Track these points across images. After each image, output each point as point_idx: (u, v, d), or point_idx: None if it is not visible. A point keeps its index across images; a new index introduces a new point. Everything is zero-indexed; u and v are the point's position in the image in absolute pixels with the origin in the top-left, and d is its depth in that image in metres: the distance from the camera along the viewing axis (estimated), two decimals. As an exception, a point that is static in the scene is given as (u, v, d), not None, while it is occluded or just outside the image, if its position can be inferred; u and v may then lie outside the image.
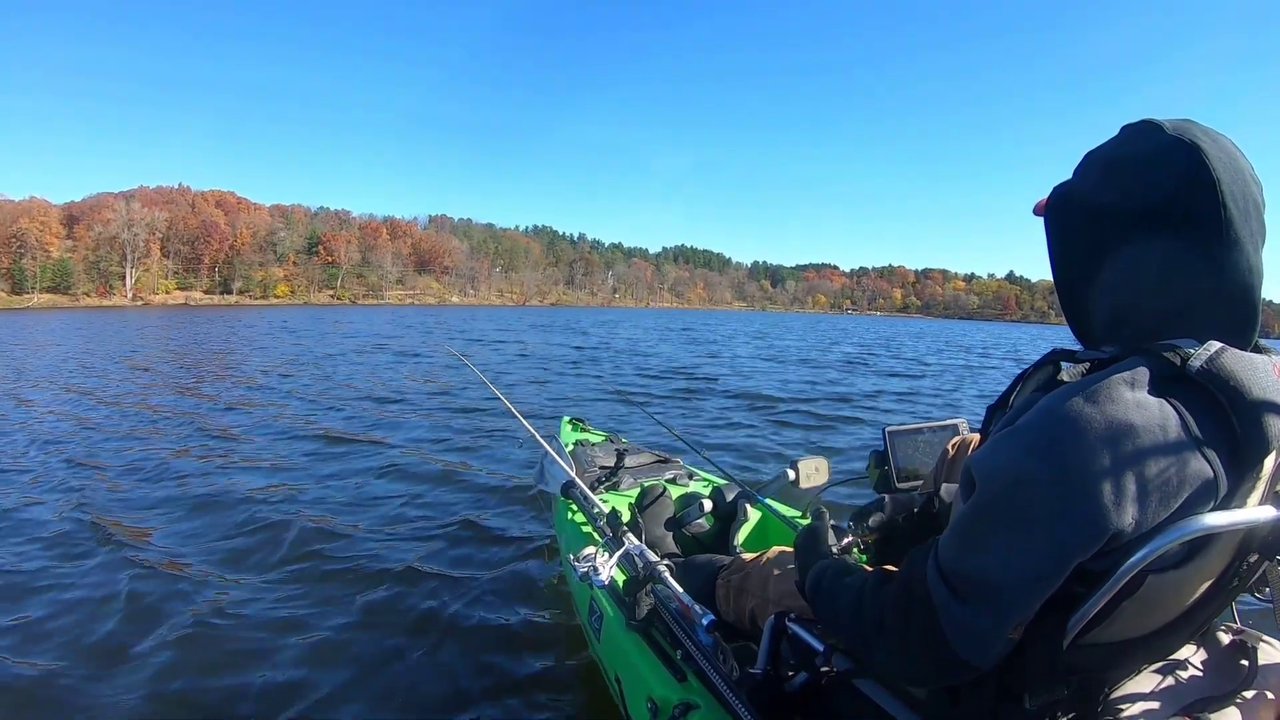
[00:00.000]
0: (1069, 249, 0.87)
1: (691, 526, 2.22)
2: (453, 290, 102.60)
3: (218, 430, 6.33)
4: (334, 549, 3.34)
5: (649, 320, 47.50)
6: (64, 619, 2.63)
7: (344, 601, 2.80)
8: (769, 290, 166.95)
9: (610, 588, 1.76)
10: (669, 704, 1.36)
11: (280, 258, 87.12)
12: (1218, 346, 0.72)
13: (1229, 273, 0.74)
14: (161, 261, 76.68)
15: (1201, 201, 0.73)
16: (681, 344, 21.55)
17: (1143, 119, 0.80)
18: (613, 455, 2.80)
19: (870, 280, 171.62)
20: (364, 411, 7.47)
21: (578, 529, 2.27)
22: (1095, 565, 0.72)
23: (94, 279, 70.08)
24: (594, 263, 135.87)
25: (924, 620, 0.77)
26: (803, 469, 2.17)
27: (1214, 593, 0.84)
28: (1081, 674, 0.83)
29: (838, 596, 0.93)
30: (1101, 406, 0.69)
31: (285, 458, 5.28)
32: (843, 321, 76.14)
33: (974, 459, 0.77)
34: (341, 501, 4.13)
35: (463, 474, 4.85)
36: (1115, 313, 0.81)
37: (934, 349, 24.81)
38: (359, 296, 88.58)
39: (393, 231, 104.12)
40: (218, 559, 3.24)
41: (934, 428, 1.67)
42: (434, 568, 3.13)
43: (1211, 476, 0.70)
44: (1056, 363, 0.88)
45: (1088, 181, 0.84)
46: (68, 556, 3.24)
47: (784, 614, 1.17)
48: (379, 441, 5.88)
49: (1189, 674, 0.93)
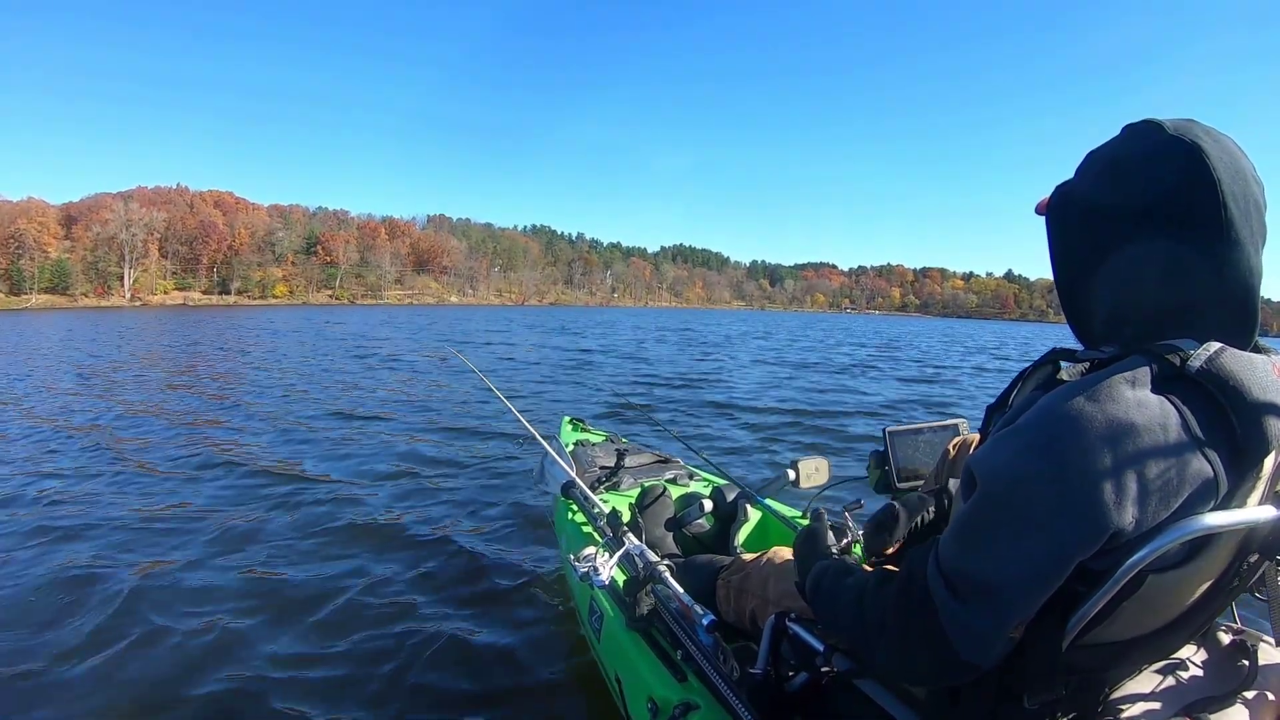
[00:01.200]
0: (1070, 248, 0.87)
1: (692, 527, 2.22)
2: (451, 290, 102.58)
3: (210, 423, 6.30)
4: (332, 549, 3.34)
5: (648, 319, 47.23)
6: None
7: (342, 601, 2.80)
8: (767, 289, 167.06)
9: (610, 588, 1.76)
10: (669, 704, 1.36)
11: (279, 258, 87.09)
12: (1218, 346, 0.72)
13: (1229, 272, 0.74)
14: (160, 262, 76.64)
15: (1202, 201, 0.73)
16: (679, 346, 20.49)
17: (1144, 119, 0.80)
18: (613, 455, 2.80)
19: (869, 279, 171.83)
20: (362, 412, 7.46)
21: (578, 529, 2.27)
22: (1096, 564, 0.72)
23: (92, 279, 70.00)
24: (592, 262, 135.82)
25: (925, 620, 0.77)
26: (803, 469, 2.16)
27: (1214, 593, 0.84)
28: (1082, 674, 0.83)
29: (838, 597, 0.93)
30: (1102, 405, 0.69)
31: (286, 458, 5.27)
32: (844, 320, 75.54)
33: (974, 458, 0.77)
34: (339, 502, 4.12)
35: (462, 474, 4.85)
36: (1115, 312, 0.81)
37: (944, 348, 24.10)
38: (358, 296, 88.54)
39: (391, 231, 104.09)
40: (205, 554, 3.24)
41: (934, 428, 1.67)
42: (433, 568, 3.13)
43: (1212, 476, 0.70)
44: (1056, 362, 0.88)
45: (1089, 181, 0.84)
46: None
47: (784, 614, 1.17)
48: (377, 441, 5.87)
49: (1189, 674, 0.93)
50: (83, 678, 2.25)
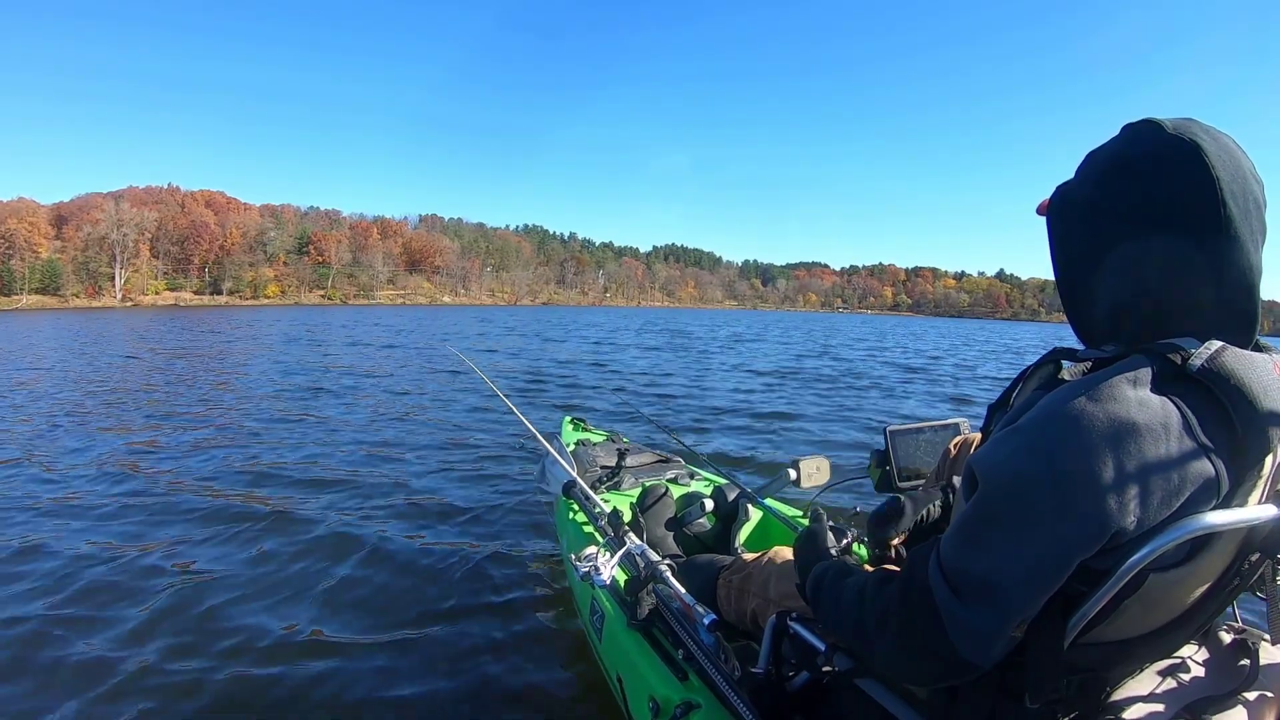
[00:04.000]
0: (1070, 248, 0.87)
1: (693, 526, 2.22)
2: (444, 290, 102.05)
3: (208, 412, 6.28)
4: (330, 549, 3.33)
5: (640, 319, 46.99)
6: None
7: (341, 600, 2.80)
8: (760, 289, 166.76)
9: (612, 587, 1.76)
10: (671, 703, 1.36)
11: (270, 258, 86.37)
12: (1219, 345, 0.72)
13: (1229, 271, 0.75)
14: (151, 262, 75.90)
15: (1202, 200, 0.73)
16: (673, 352, 17.52)
17: (1143, 118, 0.80)
18: (614, 455, 2.80)
19: (861, 279, 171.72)
20: (360, 411, 7.44)
21: (579, 529, 2.27)
22: (1097, 563, 0.72)
23: (83, 280, 69.21)
24: (585, 262, 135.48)
25: (926, 620, 0.77)
26: (804, 469, 2.17)
27: (1215, 592, 0.84)
28: (1082, 673, 0.83)
29: (838, 597, 0.93)
30: (1104, 404, 0.69)
31: (281, 456, 5.25)
32: (844, 320, 74.94)
33: (976, 458, 0.77)
34: (337, 502, 4.11)
35: (463, 473, 4.84)
36: (1116, 311, 0.82)
37: (979, 355, 21.35)
38: (350, 296, 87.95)
39: (383, 231, 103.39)
40: (202, 554, 3.23)
41: (935, 427, 1.68)
42: (433, 568, 3.12)
43: (1213, 475, 0.70)
44: (1058, 361, 0.89)
45: (1089, 181, 0.84)
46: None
47: (785, 614, 1.17)
48: (376, 442, 5.85)
49: (1190, 673, 0.94)
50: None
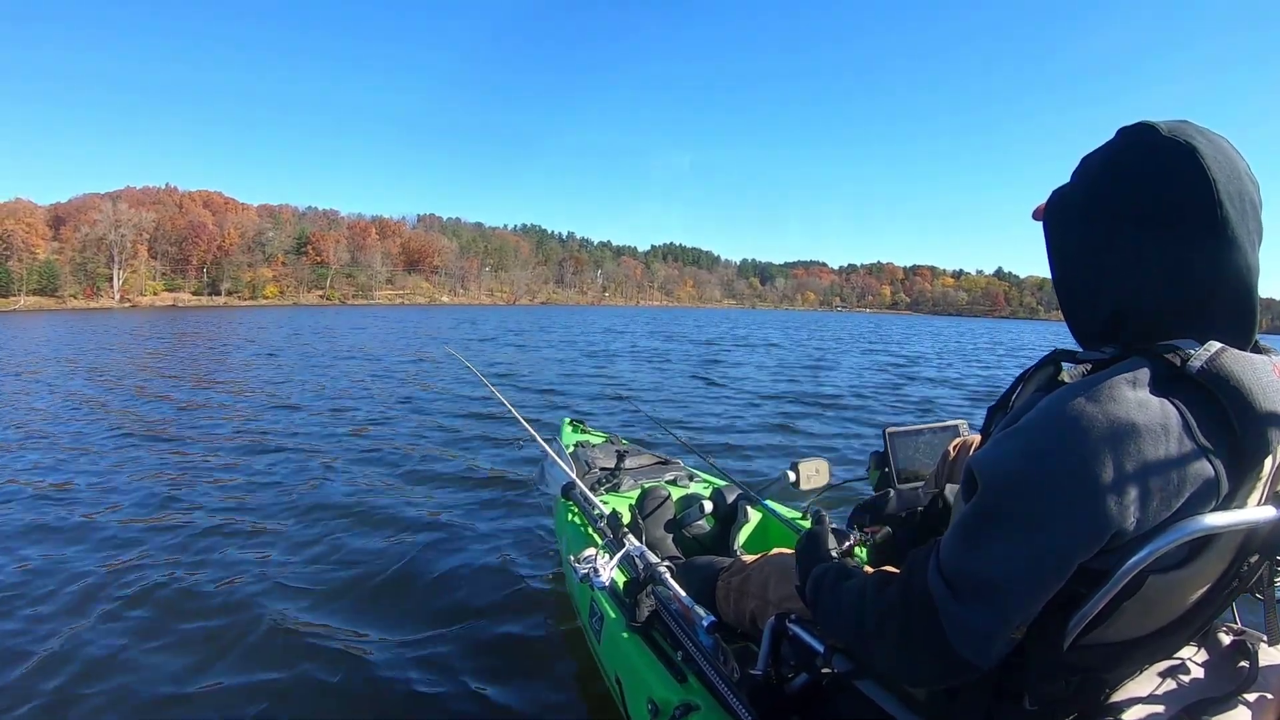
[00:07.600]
0: (1067, 252, 0.87)
1: (692, 528, 2.22)
2: (443, 290, 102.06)
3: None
4: (330, 549, 3.33)
5: (640, 320, 46.88)
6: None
7: (341, 601, 2.80)
8: (758, 288, 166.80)
9: (611, 589, 1.76)
10: (670, 705, 1.36)
11: (269, 258, 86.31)
12: (1218, 347, 0.73)
13: (1227, 271, 0.75)
14: (149, 263, 75.80)
15: (1198, 201, 0.73)
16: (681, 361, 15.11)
17: (1138, 121, 0.80)
18: (613, 456, 2.80)
19: (859, 277, 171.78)
20: (359, 411, 7.43)
21: (578, 530, 2.27)
22: (1096, 565, 0.72)
23: (81, 281, 69.07)
24: (583, 261, 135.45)
25: (925, 621, 0.77)
26: (803, 470, 2.16)
27: (1214, 593, 0.85)
28: (1082, 674, 0.83)
29: (838, 599, 0.93)
30: (1104, 406, 0.69)
31: (279, 459, 5.25)
32: (844, 320, 74.50)
33: (975, 459, 0.77)
34: (335, 502, 4.10)
35: (462, 474, 4.83)
36: (1115, 314, 0.81)
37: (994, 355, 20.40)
38: (348, 297, 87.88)
39: (381, 231, 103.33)
40: (194, 549, 3.22)
41: (934, 429, 1.68)
42: (432, 569, 3.12)
43: (1213, 476, 0.70)
44: (1057, 363, 0.89)
45: (1085, 184, 0.84)
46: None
47: (784, 615, 1.17)
48: (374, 442, 5.85)
49: (1190, 675, 0.94)
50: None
